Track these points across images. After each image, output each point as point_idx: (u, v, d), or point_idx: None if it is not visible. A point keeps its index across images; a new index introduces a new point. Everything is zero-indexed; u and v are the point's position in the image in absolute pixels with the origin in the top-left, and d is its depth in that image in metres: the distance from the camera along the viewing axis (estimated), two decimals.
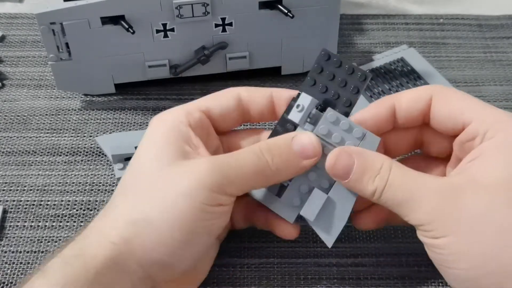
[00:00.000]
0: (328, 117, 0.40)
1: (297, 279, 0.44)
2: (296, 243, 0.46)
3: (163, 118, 0.41)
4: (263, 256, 0.45)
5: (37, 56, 0.61)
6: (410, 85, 0.56)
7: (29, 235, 0.47)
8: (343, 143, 0.40)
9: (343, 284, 0.44)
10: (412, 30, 0.64)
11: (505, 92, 0.58)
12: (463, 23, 0.65)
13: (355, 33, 0.64)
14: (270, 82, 0.58)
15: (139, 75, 0.56)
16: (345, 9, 0.66)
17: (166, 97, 0.57)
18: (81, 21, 0.51)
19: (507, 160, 0.37)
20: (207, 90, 0.58)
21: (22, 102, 0.57)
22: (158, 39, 0.53)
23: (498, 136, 0.37)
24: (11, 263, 0.45)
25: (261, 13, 0.53)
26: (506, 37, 0.63)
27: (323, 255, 0.45)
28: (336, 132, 0.40)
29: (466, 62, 0.61)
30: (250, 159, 0.39)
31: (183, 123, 0.40)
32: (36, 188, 0.50)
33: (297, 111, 0.41)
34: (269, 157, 0.39)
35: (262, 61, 0.57)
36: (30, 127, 0.55)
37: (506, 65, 0.60)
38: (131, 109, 0.56)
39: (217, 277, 0.44)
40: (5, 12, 0.66)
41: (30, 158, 0.52)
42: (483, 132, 0.38)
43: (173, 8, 0.51)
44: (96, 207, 0.49)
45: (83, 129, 0.55)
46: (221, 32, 0.54)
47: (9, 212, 0.48)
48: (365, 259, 0.45)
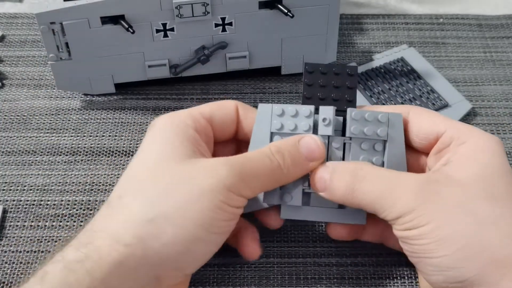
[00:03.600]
0: (354, 116, 0.41)
1: (297, 279, 0.44)
2: (296, 243, 0.46)
3: (169, 120, 0.41)
4: (263, 256, 0.45)
5: (37, 56, 0.61)
6: (410, 85, 0.56)
7: (29, 235, 0.47)
8: (376, 135, 0.41)
9: (343, 284, 0.44)
10: (412, 30, 0.64)
11: (505, 92, 0.58)
12: (463, 23, 0.65)
13: (355, 33, 0.64)
14: (270, 82, 0.58)
15: (139, 75, 0.56)
16: (345, 9, 0.66)
17: (166, 97, 0.57)
18: (81, 21, 0.51)
19: (479, 162, 0.38)
20: (207, 90, 0.58)
21: (22, 102, 0.57)
22: (158, 39, 0.53)
23: (470, 142, 0.39)
24: (11, 263, 0.45)
25: (261, 13, 0.53)
26: (506, 37, 0.63)
27: (323, 255, 0.45)
28: (367, 126, 0.41)
29: (466, 62, 0.61)
30: (263, 161, 0.39)
31: (189, 127, 0.41)
32: (36, 188, 0.50)
33: (324, 125, 0.41)
34: (280, 158, 0.39)
35: (262, 61, 0.57)
36: (30, 127, 0.55)
37: (506, 65, 0.60)
38: (131, 109, 0.56)
39: (217, 277, 0.44)
40: (5, 12, 0.66)
41: (30, 158, 0.52)
42: (457, 137, 0.40)
43: (173, 8, 0.51)
44: (96, 207, 0.49)
45: (83, 129, 0.55)
46: (221, 32, 0.54)
47: (9, 212, 0.48)
48: (365, 259, 0.45)
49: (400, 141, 0.41)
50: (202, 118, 0.42)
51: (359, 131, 0.41)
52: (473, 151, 0.39)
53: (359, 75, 0.57)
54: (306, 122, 0.41)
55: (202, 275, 0.44)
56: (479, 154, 0.39)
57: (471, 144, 0.39)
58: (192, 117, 0.41)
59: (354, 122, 0.41)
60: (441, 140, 0.41)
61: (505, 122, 0.55)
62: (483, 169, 0.38)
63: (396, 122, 0.42)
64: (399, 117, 0.42)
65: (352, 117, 0.41)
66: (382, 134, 0.41)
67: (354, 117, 0.41)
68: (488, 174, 0.38)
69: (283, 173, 0.40)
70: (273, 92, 0.58)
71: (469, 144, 0.39)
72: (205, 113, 0.42)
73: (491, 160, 0.39)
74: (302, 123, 0.41)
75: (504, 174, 0.38)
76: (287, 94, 0.57)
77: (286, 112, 0.42)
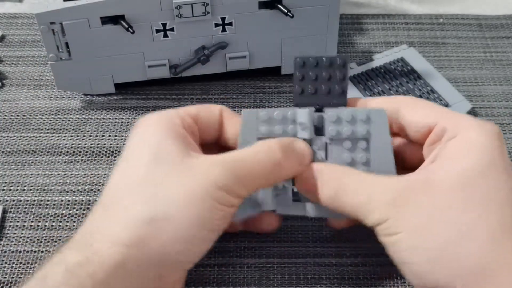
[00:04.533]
0: (329, 117, 0.41)
1: (297, 279, 0.44)
2: (296, 243, 0.46)
3: (157, 118, 0.41)
4: (263, 256, 0.45)
5: (37, 56, 0.61)
6: (410, 85, 0.56)
7: (29, 235, 0.47)
8: (355, 134, 0.41)
9: (343, 284, 0.44)
10: (412, 30, 0.64)
11: (505, 92, 0.58)
12: (463, 23, 0.65)
13: (355, 33, 0.64)
14: (270, 82, 0.58)
15: (139, 75, 0.56)
16: (345, 9, 0.66)
17: (166, 97, 0.57)
18: (81, 21, 0.51)
19: (465, 161, 0.38)
20: (207, 90, 0.58)
21: (22, 102, 0.57)
22: (158, 39, 0.53)
23: (461, 135, 0.39)
24: (11, 263, 0.45)
25: (261, 13, 0.53)
26: (506, 37, 0.63)
27: (323, 255, 0.45)
28: (345, 127, 0.41)
29: (466, 62, 0.61)
30: (258, 157, 0.39)
31: (178, 125, 0.40)
32: (36, 188, 0.50)
33: (301, 130, 0.41)
34: (278, 154, 0.39)
35: (262, 61, 0.57)
36: (30, 127, 0.55)
37: (506, 65, 0.60)
38: (131, 109, 0.56)
39: (217, 277, 0.44)
40: (4, 12, 0.66)
41: (30, 158, 0.52)
42: (449, 129, 0.39)
43: (173, 8, 0.51)
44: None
45: (83, 129, 0.55)
46: (221, 32, 0.54)
47: (9, 212, 0.48)
48: (365, 259, 0.45)
49: (384, 137, 0.41)
50: (189, 117, 0.42)
51: (336, 132, 0.41)
52: (461, 147, 0.38)
53: (358, 75, 0.57)
54: (293, 126, 0.42)
55: (202, 275, 0.44)
56: (466, 152, 0.38)
57: (461, 138, 0.38)
58: (179, 116, 0.41)
59: (331, 124, 0.41)
60: (434, 131, 0.40)
61: (505, 122, 0.55)
62: (467, 169, 0.37)
63: (378, 118, 0.41)
64: (381, 112, 0.41)
65: (329, 118, 0.41)
66: (362, 132, 0.41)
67: (330, 119, 0.41)
68: (471, 177, 0.37)
69: (280, 169, 0.40)
70: (273, 92, 0.58)
71: (459, 138, 0.38)
72: (192, 113, 0.42)
73: (478, 158, 0.37)
74: (290, 127, 0.42)
75: (490, 174, 0.37)
76: (287, 94, 0.57)
77: (272, 117, 0.41)
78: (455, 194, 0.37)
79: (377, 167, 0.41)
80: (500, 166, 0.37)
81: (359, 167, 0.41)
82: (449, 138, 0.39)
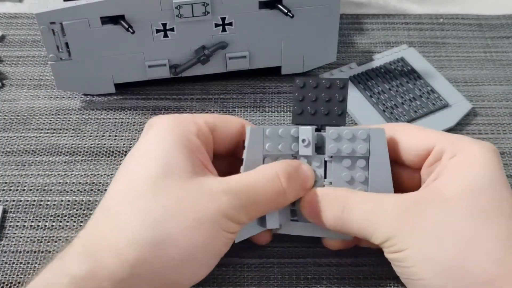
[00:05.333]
0: (330, 135, 0.42)
1: (297, 279, 0.44)
2: (296, 243, 0.46)
3: (171, 123, 0.40)
4: (263, 256, 0.45)
5: (37, 56, 0.61)
6: (410, 85, 0.56)
7: (29, 235, 0.47)
8: (355, 153, 0.41)
9: (343, 284, 0.44)
10: (412, 30, 0.64)
11: (505, 92, 0.58)
12: (463, 22, 0.65)
13: (355, 33, 0.64)
14: (270, 81, 0.58)
15: (139, 75, 0.56)
16: (345, 9, 0.66)
17: (166, 97, 0.57)
18: (81, 21, 0.51)
19: (468, 175, 0.38)
20: (207, 90, 0.58)
21: (22, 102, 0.57)
22: (158, 39, 0.53)
23: (461, 154, 0.39)
24: (11, 263, 0.45)
25: (261, 13, 0.53)
26: (506, 37, 0.63)
27: (323, 255, 0.45)
28: (345, 144, 0.41)
29: (466, 62, 0.61)
30: (266, 186, 0.39)
31: (192, 133, 0.40)
32: (36, 188, 0.50)
33: (304, 146, 0.42)
34: (285, 183, 0.40)
35: (262, 61, 0.57)
36: (30, 127, 0.55)
37: (506, 65, 0.60)
38: (131, 109, 0.56)
39: (217, 277, 0.44)
40: (5, 12, 0.66)
41: (30, 158, 0.52)
42: (448, 150, 0.40)
43: (173, 8, 0.51)
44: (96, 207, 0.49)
45: (83, 129, 0.55)
46: (221, 32, 0.54)
47: (9, 212, 0.48)
48: (365, 259, 0.45)
49: (383, 156, 0.41)
50: (205, 126, 0.42)
51: (337, 150, 0.41)
52: (462, 164, 0.39)
53: (358, 75, 0.57)
54: (296, 143, 0.42)
55: None
56: (468, 167, 0.39)
57: (462, 156, 0.39)
58: (195, 123, 0.41)
59: (332, 141, 0.42)
60: (433, 153, 0.41)
61: (505, 122, 0.55)
62: (471, 183, 0.38)
63: (378, 137, 0.41)
64: (381, 132, 0.41)
65: (330, 136, 0.42)
66: (362, 151, 0.41)
67: (331, 136, 0.41)
68: (476, 189, 0.38)
69: (284, 198, 0.40)
70: (273, 92, 0.58)
71: (459, 156, 0.39)
72: (209, 122, 0.42)
73: (480, 172, 0.38)
74: (293, 144, 0.42)
75: (494, 186, 0.38)
76: (287, 94, 0.57)
77: (278, 134, 0.42)
78: (462, 205, 0.37)
79: (375, 185, 0.41)
80: (502, 180, 0.39)
81: (358, 185, 0.42)
82: (449, 157, 0.39)
